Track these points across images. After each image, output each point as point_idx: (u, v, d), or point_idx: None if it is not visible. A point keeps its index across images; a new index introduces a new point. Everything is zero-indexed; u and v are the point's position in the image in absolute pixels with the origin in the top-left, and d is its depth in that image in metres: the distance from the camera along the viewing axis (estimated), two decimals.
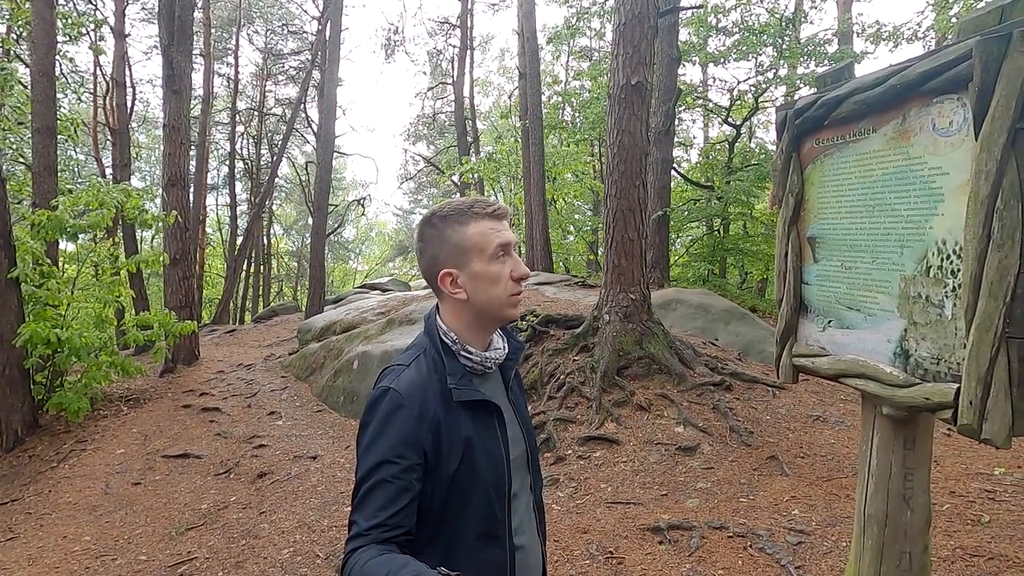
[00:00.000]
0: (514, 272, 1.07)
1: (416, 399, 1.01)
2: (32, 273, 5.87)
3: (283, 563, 3.24)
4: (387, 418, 1.00)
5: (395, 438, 0.98)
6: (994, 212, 1.03)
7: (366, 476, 0.98)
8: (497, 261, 1.06)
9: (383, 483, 0.96)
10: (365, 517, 0.95)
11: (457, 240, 1.06)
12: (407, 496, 0.97)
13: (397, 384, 1.03)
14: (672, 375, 4.97)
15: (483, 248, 1.05)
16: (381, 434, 0.99)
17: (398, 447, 0.98)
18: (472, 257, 1.05)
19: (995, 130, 1.03)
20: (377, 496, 0.96)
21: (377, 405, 1.02)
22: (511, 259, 1.08)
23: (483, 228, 1.06)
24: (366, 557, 0.90)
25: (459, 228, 1.06)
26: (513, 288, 1.08)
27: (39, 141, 6.94)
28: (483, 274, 1.05)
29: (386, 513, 0.94)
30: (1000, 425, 1.04)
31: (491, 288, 1.06)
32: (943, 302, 1.17)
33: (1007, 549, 2.71)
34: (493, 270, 1.05)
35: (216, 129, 21.54)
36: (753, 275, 13.15)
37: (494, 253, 1.05)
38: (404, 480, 0.97)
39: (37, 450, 5.46)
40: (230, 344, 10.71)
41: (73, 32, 9.19)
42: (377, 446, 0.99)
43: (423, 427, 1.00)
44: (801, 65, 10.96)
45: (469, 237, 1.05)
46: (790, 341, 1.59)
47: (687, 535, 3.11)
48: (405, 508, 0.96)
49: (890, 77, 1.25)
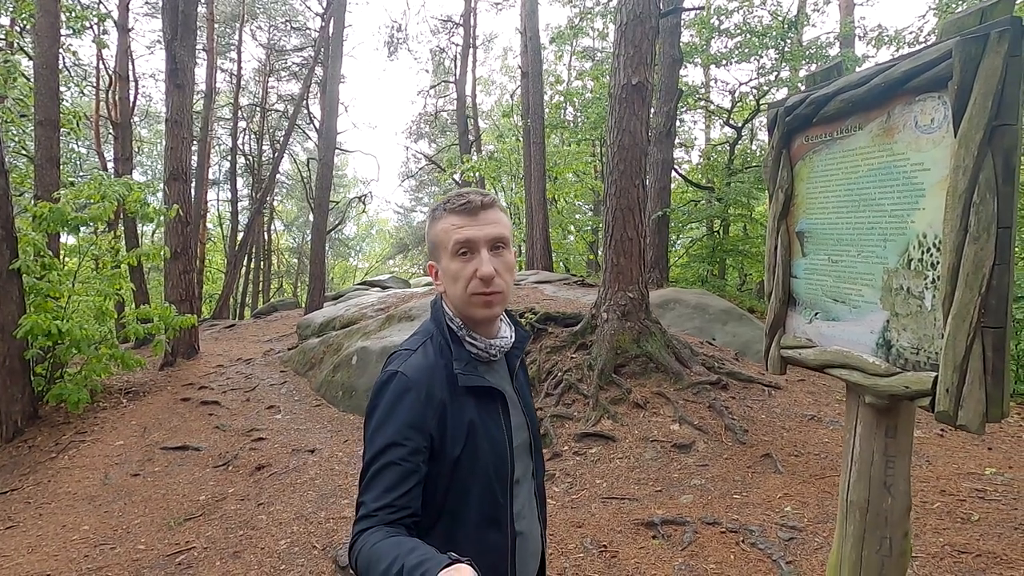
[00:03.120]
0: (478, 271, 1.04)
1: (423, 383, 1.03)
2: (34, 265, 5.90)
3: (280, 554, 3.28)
4: (395, 401, 1.02)
5: (402, 421, 1.00)
6: (971, 206, 1.07)
7: (374, 458, 0.99)
8: (458, 258, 1.05)
9: (391, 465, 0.97)
10: (373, 498, 0.96)
11: (432, 235, 1.10)
12: (414, 478, 0.98)
13: (404, 368, 1.05)
14: (669, 373, 5.01)
15: (445, 245, 1.06)
16: (389, 417, 1.01)
17: (405, 430, 0.99)
18: (441, 253, 1.08)
19: (973, 127, 1.07)
20: (385, 477, 0.97)
21: (385, 388, 1.04)
22: (477, 257, 1.05)
23: (447, 224, 1.07)
24: (375, 539, 0.91)
25: (433, 223, 1.10)
26: (476, 287, 1.04)
27: (42, 133, 6.97)
28: (446, 270, 1.08)
29: (394, 494, 0.96)
30: (974, 412, 1.07)
31: (452, 285, 1.07)
32: (923, 294, 1.21)
33: (995, 547, 2.75)
34: (453, 267, 1.06)
35: (218, 124, 21.58)
36: (752, 277, 13.19)
37: (454, 250, 1.05)
38: (411, 462, 0.98)
39: (37, 441, 5.50)
40: (230, 339, 10.74)
41: (77, 25, 9.24)
42: (385, 429, 1.00)
43: (429, 411, 1.01)
44: (803, 68, 11.00)
45: (436, 233, 1.09)
46: (779, 333, 1.63)
47: (680, 530, 3.14)
48: (412, 490, 0.98)
49: (875, 76, 1.28)
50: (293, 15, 21.40)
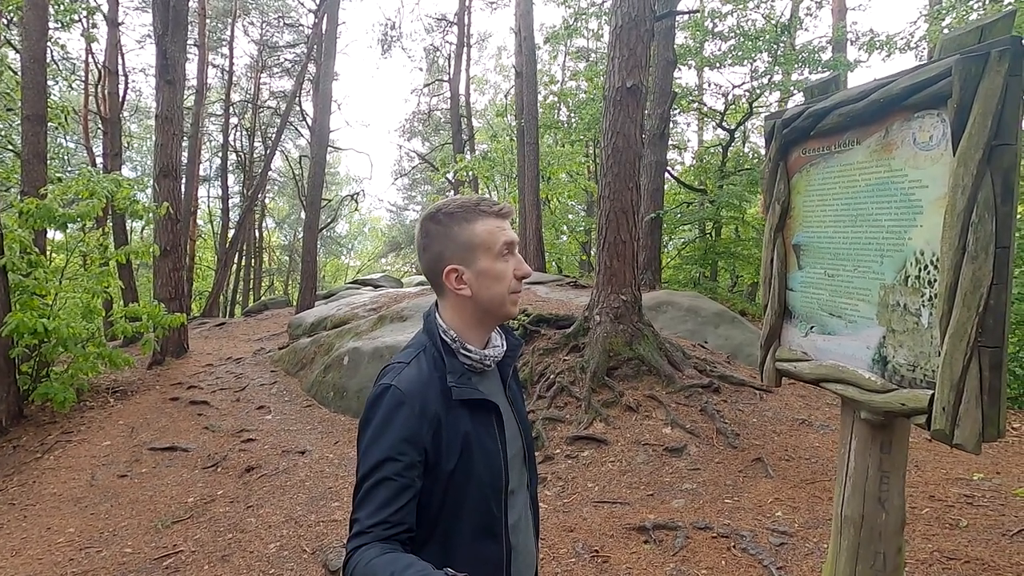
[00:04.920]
0: (517, 271, 1.09)
1: (417, 396, 1.02)
2: (19, 262, 5.81)
3: (270, 557, 3.25)
4: (389, 415, 1.00)
5: (397, 436, 0.99)
6: (969, 225, 1.07)
7: (368, 473, 0.98)
8: (502, 259, 1.08)
9: (385, 481, 0.96)
10: (367, 514, 0.95)
11: (465, 237, 1.07)
12: (409, 493, 0.97)
13: (398, 382, 1.03)
14: (661, 377, 5.01)
15: (490, 246, 1.07)
16: (383, 432, 0.99)
17: (400, 445, 0.98)
18: (479, 254, 1.07)
19: (972, 146, 1.07)
20: (379, 493, 0.96)
21: (379, 402, 1.02)
22: (514, 258, 1.10)
23: (490, 226, 1.08)
24: (369, 556, 0.89)
25: (466, 225, 1.07)
26: (515, 286, 1.10)
27: (29, 128, 6.86)
28: (489, 271, 1.07)
29: (388, 510, 0.94)
30: (971, 431, 1.07)
31: (496, 285, 1.08)
32: (920, 311, 1.21)
33: (983, 553, 2.77)
34: (499, 268, 1.08)
35: (209, 120, 21.39)
36: (744, 279, 13.27)
37: (500, 251, 1.08)
38: (406, 478, 0.97)
39: (22, 441, 5.42)
40: (220, 337, 10.65)
41: (65, 19, 9.11)
42: (379, 444, 0.99)
43: (424, 424, 1.00)
44: (796, 71, 11.08)
45: (477, 234, 1.07)
46: (774, 345, 1.63)
47: (672, 535, 3.14)
48: (407, 505, 0.97)
49: (874, 91, 1.28)
50: (286, 11, 21.25)
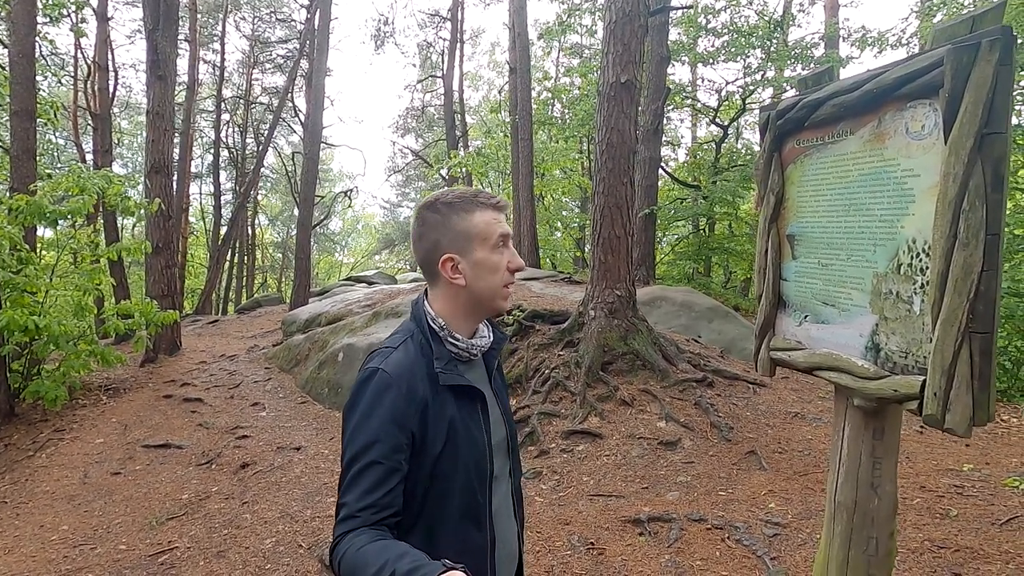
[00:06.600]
0: (511, 263, 1.11)
1: (405, 379, 1.01)
2: (9, 259, 5.75)
3: (265, 553, 3.25)
4: (376, 398, 1.00)
5: (384, 418, 0.98)
6: (961, 213, 1.08)
7: (355, 457, 0.97)
8: (497, 251, 1.10)
9: (373, 464, 0.95)
10: (355, 498, 0.94)
11: (463, 227, 1.08)
12: (396, 476, 0.96)
13: (386, 365, 1.03)
14: (655, 371, 5.04)
15: (487, 237, 1.09)
16: (370, 414, 0.99)
17: (388, 427, 0.97)
18: (475, 245, 1.08)
19: (963, 135, 1.08)
20: (367, 477, 0.95)
21: (366, 385, 1.02)
22: (508, 250, 1.12)
23: (487, 217, 1.09)
24: (360, 542, 0.89)
25: (464, 215, 1.09)
26: (508, 278, 1.12)
27: (18, 124, 6.78)
28: (484, 262, 1.09)
29: (376, 494, 0.94)
30: (961, 416, 1.09)
31: (490, 276, 1.09)
32: (912, 298, 1.22)
33: (972, 541, 2.81)
34: (494, 259, 1.09)
35: (201, 116, 21.22)
36: (737, 274, 13.33)
37: (496, 243, 1.09)
38: (394, 460, 0.97)
39: (13, 439, 5.38)
40: (213, 335, 10.60)
41: (54, 13, 9.01)
42: (366, 426, 0.98)
43: (412, 408, 1.00)
44: (788, 68, 11.12)
45: (474, 225, 1.08)
46: (768, 335, 1.64)
47: (667, 527, 3.17)
48: (395, 488, 0.96)
49: (867, 82, 1.29)
50: (278, 6, 21.09)
